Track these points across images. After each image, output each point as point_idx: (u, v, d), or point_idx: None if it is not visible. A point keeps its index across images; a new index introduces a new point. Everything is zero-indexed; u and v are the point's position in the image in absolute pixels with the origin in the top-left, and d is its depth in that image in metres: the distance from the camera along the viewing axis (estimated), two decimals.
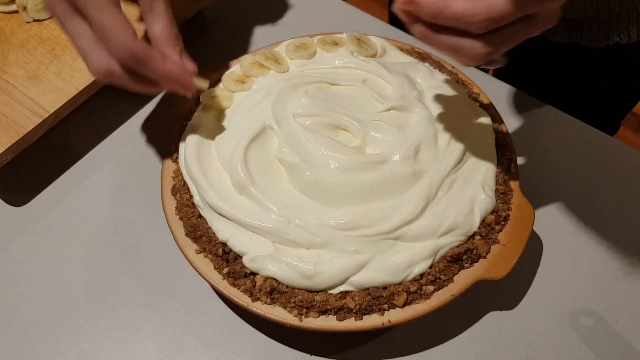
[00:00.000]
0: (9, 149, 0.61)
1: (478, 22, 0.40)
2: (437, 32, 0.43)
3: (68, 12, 0.45)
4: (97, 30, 0.45)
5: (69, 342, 0.56)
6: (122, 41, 0.45)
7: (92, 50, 0.46)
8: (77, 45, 0.47)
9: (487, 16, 0.40)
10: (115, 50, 0.45)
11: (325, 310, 0.49)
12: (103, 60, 0.46)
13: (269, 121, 0.56)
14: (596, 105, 0.86)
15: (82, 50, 0.46)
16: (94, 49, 0.46)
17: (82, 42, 0.46)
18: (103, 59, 0.46)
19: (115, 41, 0.45)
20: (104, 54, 0.46)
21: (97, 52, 0.46)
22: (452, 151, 0.55)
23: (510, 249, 0.52)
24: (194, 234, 0.54)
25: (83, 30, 0.46)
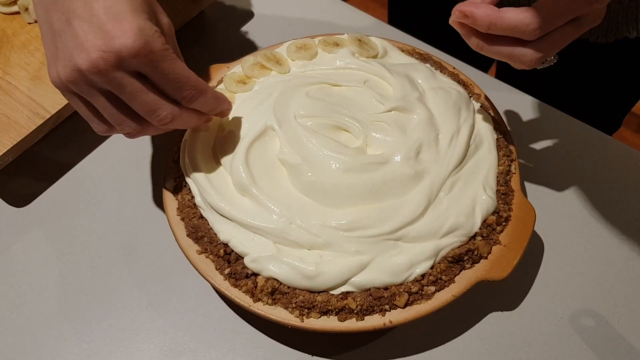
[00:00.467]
0: (10, 149, 0.61)
1: (531, 31, 0.42)
2: (492, 43, 0.46)
3: (125, 75, 0.44)
4: (170, 82, 0.45)
5: (71, 342, 0.56)
6: (197, 84, 0.47)
7: (159, 100, 0.46)
8: (144, 99, 0.45)
9: (539, 24, 0.42)
10: (190, 94, 0.47)
11: (327, 311, 0.50)
12: (170, 107, 0.47)
13: (270, 122, 0.57)
14: (598, 103, 0.86)
15: (152, 101, 0.46)
16: (160, 100, 0.46)
17: (150, 95, 0.46)
18: (170, 106, 0.47)
19: (190, 86, 0.47)
20: (167, 101, 0.47)
21: (163, 101, 0.47)
22: (453, 152, 0.55)
23: (512, 250, 0.52)
24: (195, 234, 0.54)
25: (146, 85, 0.45)
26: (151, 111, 0.46)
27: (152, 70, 0.44)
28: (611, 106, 0.88)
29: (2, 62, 0.69)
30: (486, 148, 0.57)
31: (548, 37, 0.44)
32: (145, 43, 0.42)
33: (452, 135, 0.56)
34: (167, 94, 0.47)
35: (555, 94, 0.82)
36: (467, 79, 0.65)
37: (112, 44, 0.42)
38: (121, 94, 0.45)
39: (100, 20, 0.42)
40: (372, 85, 0.61)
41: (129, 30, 0.42)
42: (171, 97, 0.47)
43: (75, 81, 0.43)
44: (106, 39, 0.42)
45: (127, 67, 0.43)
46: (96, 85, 0.44)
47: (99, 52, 0.42)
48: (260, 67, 0.63)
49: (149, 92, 0.45)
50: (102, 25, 0.42)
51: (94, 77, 0.43)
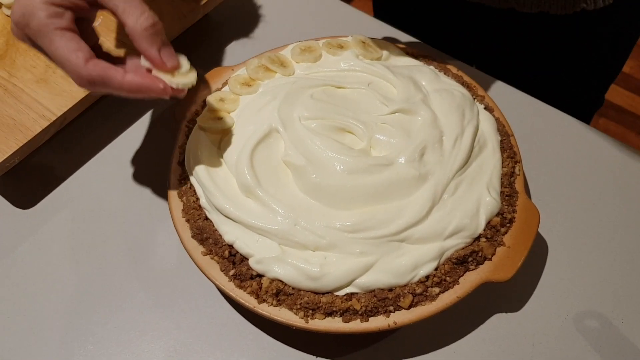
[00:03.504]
0: (16, 152, 0.61)
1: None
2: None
3: (32, 43, 0.45)
4: (52, 59, 0.44)
5: (76, 343, 0.56)
6: (76, 69, 0.43)
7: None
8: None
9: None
10: (72, 78, 0.44)
11: (331, 312, 0.50)
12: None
13: (275, 124, 0.57)
14: (576, 81, 0.87)
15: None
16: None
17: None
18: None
19: (68, 71, 0.44)
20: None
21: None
22: (457, 154, 0.55)
23: (516, 251, 0.52)
24: (200, 236, 0.54)
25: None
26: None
27: (35, 44, 0.44)
28: (590, 82, 0.89)
29: (7, 64, 0.69)
30: (490, 150, 0.58)
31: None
32: (21, 16, 0.42)
33: (456, 137, 0.56)
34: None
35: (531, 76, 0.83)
36: (471, 80, 0.65)
37: (12, 15, 0.44)
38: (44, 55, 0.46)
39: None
40: (376, 87, 0.61)
41: (17, 4, 0.43)
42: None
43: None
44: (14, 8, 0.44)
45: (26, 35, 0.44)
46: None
47: (12, 23, 0.44)
48: (264, 70, 0.64)
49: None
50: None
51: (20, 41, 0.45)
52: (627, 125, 1.83)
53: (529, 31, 0.81)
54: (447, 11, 0.85)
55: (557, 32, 0.79)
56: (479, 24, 0.86)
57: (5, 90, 0.66)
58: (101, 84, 0.45)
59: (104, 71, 0.45)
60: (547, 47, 0.82)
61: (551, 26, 0.78)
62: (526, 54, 0.85)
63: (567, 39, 0.80)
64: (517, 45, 0.85)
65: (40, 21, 0.42)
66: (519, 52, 0.86)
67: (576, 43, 0.80)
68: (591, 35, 0.79)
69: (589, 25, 0.76)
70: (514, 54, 0.87)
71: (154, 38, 0.46)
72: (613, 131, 1.80)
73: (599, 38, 0.79)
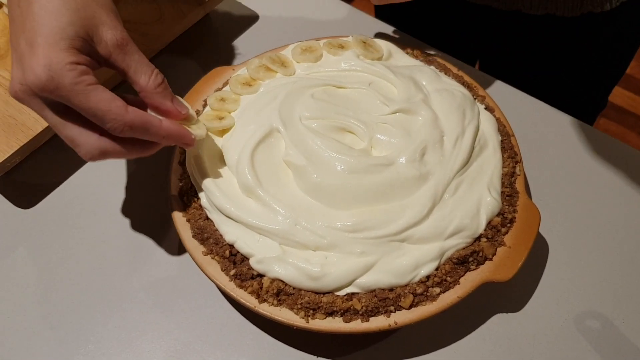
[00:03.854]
0: (17, 151, 0.61)
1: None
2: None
3: (43, 107, 0.45)
4: (87, 115, 0.44)
5: (77, 343, 0.56)
6: (118, 117, 0.44)
7: (80, 136, 0.45)
8: (62, 134, 0.46)
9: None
10: (113, 128, 0.45)
11: (332, 312, 0.50)
12: (95, 143, 0.46)
13: (275, 124, 0.57)
14: (580, 83, 0.87)
15: (69, 138, 0.46)
16: (82, 135, 0.45)
17: (67, 131, 0.45)
18: (94, 142, 0.46)
19: (110, 119, 0.44)
20: (93, 136, 0.46)
21: (87, 137, 0.46)
22: (457, 154, 0.55)
23: (516, 251, 0.52)
24: (201, 236, 0.54)
25: (62, 120, 0.45)
26: (72, 145, 0.46)
27: (69, 104, 0.44)
28: (593, 85, 0.89)
29: (9, 64, 0.69)
30: (491, 150, 0.58)
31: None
32: (48, 80, 0.42)
33: (456, 137, 0.56)
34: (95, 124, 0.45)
35: (537, 77, 0.84)
36: (471, 81, 0.65)
37: (24, 77, 0.43)
38: (48, 124, 0.46)
39: (21, 51, 0.44)
40: (377, 87, 0.61)
41: (36, 66, 0.42)
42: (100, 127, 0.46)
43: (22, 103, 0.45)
44: (21, 72, 0.43)
45: (44, 98, 0.44)
46: (35, 111, 0.46)
47: (18, 84, 0.44)
48: (265, 70, 0.64)
49: (66, 127, 0.45)
50: (21, 57, 0.44)
51: (24, 104, 0.45)
52: (628, 125, 1.83)
53: (534, 33, 0.81)
54: (449, 11, 0.85)
55: (562, 34, 0.79)
56: (482, 25, 0.86)
57: (6, 89, 0.66)
58: (141, 129, 0.46)
59: (145, 117, 0.47)
60: (551, 48, 0.82)
61: (556, 28, 0.78)
62: (529, 55, 0.85)
63: (572, 41, 0.80)
64: (520, 46, 0.85)
65: (73, 80, 0.43)
66: (521, 53, 0.86)
67: (581, 45, 0.80)
68: (596, 38, 0.79)
69: (594, 27, 0.76)
70: (516, 54, 0.87)
71: (166, 92, 0.50)
72: (614, 131, 1.80)
73: (603, 40, 0.79)
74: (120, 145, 0.47)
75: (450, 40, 0.84)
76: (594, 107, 0.94)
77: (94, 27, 0.46)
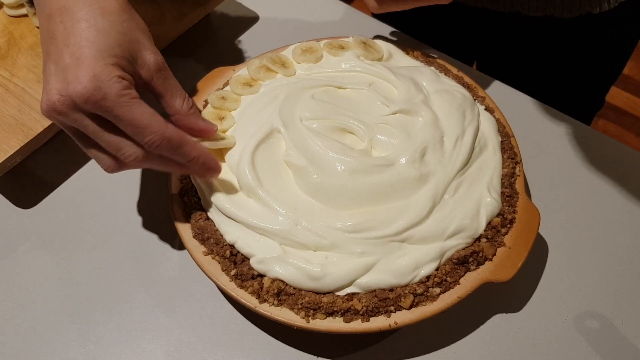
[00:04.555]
0: (18, 151, 0.61)
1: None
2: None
3: (84, 117, 0.45)
4: (128, 128, 0.45)
5: (78, 343, 0.56)
6: (159, 131, 0.46)
7: (125, 139, 0.46)
8: (106, 139, 0.46)
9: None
10: (151, 141, 0.46)
11: (332, 312, 0.50)
12: (138, 147, 0.47)
13: (276, 124, 0.57)
14: (578, 83, 0.88)
15: (114, 142, 0.46)
16: (125, 140, 0.46)
17: (112, 135, 0.46)
18: (137, 146, 0.47)
19: (151, 132, 0.46)
20: (133, 142, 0.47)
21: (129, 142, 0.46)
22: (458, 154, 0.55)
23: (516, 252, 0.53)
24: (201, 236, 0.54)
25: (108, 125, 0.46)
26: (116, 149, 0.47)
27: (108, 115, 0.45)
28: (591, 84, 0.90)
29: (9, 64, 0.69)
30: (491, 150, 0.58)
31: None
32: (95, 90, 0.43)
33: (457, 138, 0.56)
34: (130, 137, 0.47)
35: (535, 77, 0.84)
36: (471, 81, 0.65)
37: (67, 89, 0.44)
38: (86, 132, 0.46)
39: (64, 63, 0.44)
40: (377, 87, 0.61)
41: (83, 76, 0.43)
42: (135, 141, 0.47)
43: (49, 116, 0.46)
44: (64, 83, 0.44)
45: (83, 110, 0.45)
46: (65, 123, 0.46)
47: (57, 95, 0.44)
48: (266, 70, 0.64)
49: (110, 134, 0.46)
50: (64, 69, 0.44)
51: (58, 117, 0.45)
52: (626, 126, 1.84)
53: (532, 34, 0.81)
54: (447, 13, 0.86)
55: (560, 35, 0.79)
56: (481, 27, 0.86)
57: (7, 90, 0.66)
58: (177, 145, 0.48)
59: (182, 134, 0.49)
60: (549, 49, 0.82)
61: (554, 29, 0.78)
62: (527, 55, 0.85)
63: (570, 42, 0.80)
64: (518, 47, 0.86)
65: (119, 92, 0.44)
66: (519, 54, 0.86)
67: (579, 46, 0.81)
68: (594, 38, 0.79)
69: (592, 28, 0.77)
70: (514, 55, 0.87)
71: (197, 113, 0.53)
72: (612, 132, 1.81)
73: (601, 40, 0.80)
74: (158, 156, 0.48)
75: (448, 41, 0.84)
76: (591, 107, 0.94)
77: (137, 50, 0.48)
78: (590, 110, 0.95)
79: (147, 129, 0.45)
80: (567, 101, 0.80)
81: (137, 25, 0.49)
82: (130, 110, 0.45)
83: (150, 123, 0.46)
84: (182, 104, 0.51)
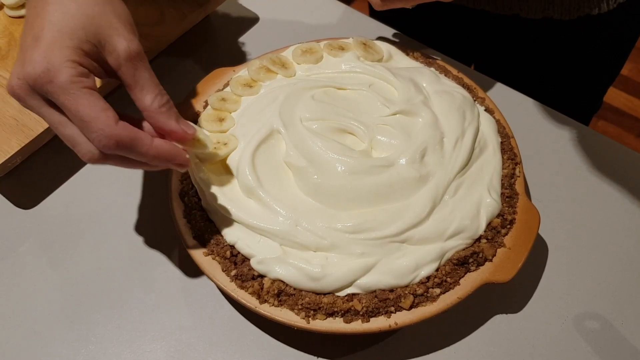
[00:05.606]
0: (18, 152, 0.61)
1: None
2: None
3: (41, 104, 0.43)
4: (74, 119, 0.42)
5: (78, 343, 0.56)
6: (105, 128, 0.42)
7: (80, 135, 0.43)
8: (61, 134, 0.44)
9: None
10: (97, 139, 0.42)
11: (333, 313, 0.50)
12: (93, 145, 0.43)
13: (276, 125, 0.57)
14: (576, 84, 0.88)
15: (68, 137, 0.43)
16: (81, 136, 0.43)
17: (65, 130, 0.43)
18: (92, 144, 0.43)
19: (96, 128, 0.41)
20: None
21: (85, 138, 0.43)
22: (457, 155, 0.56)
23: (516, 252, 0.53)
24: (202, 236, 0.54)
25: (63, 117, 0.43)
26: (72, 144, 0.44)
27: (56, 103, 0.42)
28: (589, 85, 0.90)
29: (10, 65, 0.69)
30: (490, 151, 0.58)
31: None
32: (43, 72, 0.41)
33: (456, 139, 0.56)
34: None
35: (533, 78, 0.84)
36: (471, 82, 0.65)
37: (22, 70, 0.42)
38: (46, 121, 0.44)
39: (26, 46, 0.43)
40: (377, 88, 0.61)
41: (36, 57, 0.41)
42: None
43: (18, 101, 0.44)
44: (21, 65, 0.42)
45: (40, 94, 0.42)
46: (32, 109, 0.44)
47: (16, 78, 0.42)
48: (266, 71, 0.64)
49: (66, 126, 0.43)
50: (24, 51, 0.43)
51: (20, 102, 0.44)
52: (626, 127, 1.84)
53: (531, 35, 0.81)
54: (447, 15, 0.86)
55: (559, 36, 0.79)
56: (480, 28, 0.86)
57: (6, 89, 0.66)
58: (128, 146, 0.43)
59: (134, 133, 0.44)
60: (548, 50, 0.82)
61: (553, 31, 0.78)
62: (526, 56, 0.86)
63: (569, 43, 0.80)
64: (516, 49, 0.86)
65: (68, 78, 0.41)
66: (517, 55, 0.87)
67: (577, 46, 0.81)
68: (593, 39, 0.79)
69: (591, 29, 0.77)
70: (513, 56, 0.87)
71: (170, 112, 0.47)
72: (611, 133, 1.81)
73: (600, 41, 0.80)
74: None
75: (448, 42, 0.84)
76: (590, 107, 0.94)
77: (107, 36, 0.44)
78: (589, 110, 0.95)
79: (92, 123, 0.41)
80: (566, 102, 0.80)
81: (112, 10, 0.45)
82: (75, 99, 0.41)
83: (96, 118, 0.41)
84: (153, 100, 0.46)
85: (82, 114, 0.41)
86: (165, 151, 0.46)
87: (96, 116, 0.42)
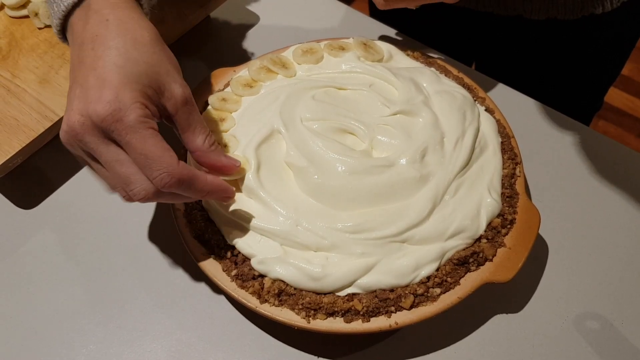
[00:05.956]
0: (19, 152, 0.61)
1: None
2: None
3: (100, 141, 0.44)
4: (138, 158, 0.44)
5: (79, 343, 0.56)
6: (169, 167, 0.44)
7: (137, 173, 0.44)
8: (116, 172, 0.45)
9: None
10: (160, 177, 0.44)
11: (333, 312, 0.50)
12: (149, 183, 0.45)
13: (276, 125, 0.57)
14: (577, 84, 0.88)
15: (123, 175, 0.45)
16: (139, 172, 0.45)
17: (123, 168, 0.44)
18: (148, 182, 0.45)
19: (160, 166, 0.44)
20: (145, 179, 0.45)
21: (140, 177, 0.45)
22: (458, 155, 0.56)
23: (516, 252, 0.53)
24: (202, 236, 0.54)
25: (122, 156, 0.44)
26: (124, 184, 0.45)
27: (121, 141, 0.43)
28: (590, 85, 0.90)
29: (10, 65, 0.69)
30: (491, 151, 0.58)
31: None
32: (114, 111, 0.42)
33: (457, 139, 0.56)
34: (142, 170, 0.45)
35: (534, 78, 0.84)
36: (472, 82, 0.65)
37: (87, 108, 0.43)
38: (101, 160, 0.45)
39: (89, 86, 0.44)
40: (378, 88, 0.61)
41: (106, 96, 0.43)
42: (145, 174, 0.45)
43: (67, 141, 0.45)
44: (85, 102, 0.43)
45: (102, 133, 0.43)
46: (83, 149, 0.45)
47: (78, 115, 0.43)
48: (266, 71, 0.64)
49: (124, 164, 0.44)
50: (88, 90, 0.44)
51: (74, 140, 0.44)
52: (626, 127, 1.84)
53: (533, 35, 0.81)
54: (448, 15, 0.86)
55: (560, 36, 0.79)
56: (482, 28, 0.86)
57: (8, 90, 0.66)
58: (187, 184, 0.46)
59: (193, 171, 0.46)
60: (550, 50, 0.82)
61: (555, 31, 0.78)
62: (528, 56, 0.86)
63: (571, 43, 0.80)
64: (519, 48, 0.86)
65: (137, 118, 0.43)
66: (520, 55, 0.87)
67: (579, 46, 0.81)
68: (594, 39, 0.79)
69: (593, 28, 0.77)
70: (515, 57, 0.87)
71: (219, 149, 0.51)
72: (612, 133, 1.81)
73: (601, 41, 0.80)
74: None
75: (448, 42, 0.84)
76: (590, 107, 0.95)
77: (166, 82, 0.47)
78: (590, 110, 0.95)
79: (157, 162, 0.44)
80: (566, 102, 0.80)
81: (167, 58, 0.48)
82: (143, 139, 0.43)
83: (161, 157, 0.44)
84: (204, 141, 0.49)
85: (147, 152, 0.43)
86: (217, 186, 0.49)
87: (162, 155, 0.44)
